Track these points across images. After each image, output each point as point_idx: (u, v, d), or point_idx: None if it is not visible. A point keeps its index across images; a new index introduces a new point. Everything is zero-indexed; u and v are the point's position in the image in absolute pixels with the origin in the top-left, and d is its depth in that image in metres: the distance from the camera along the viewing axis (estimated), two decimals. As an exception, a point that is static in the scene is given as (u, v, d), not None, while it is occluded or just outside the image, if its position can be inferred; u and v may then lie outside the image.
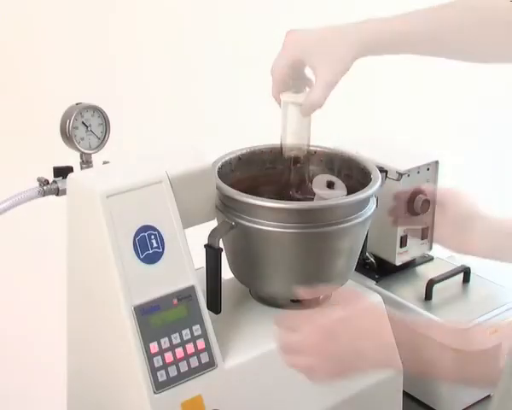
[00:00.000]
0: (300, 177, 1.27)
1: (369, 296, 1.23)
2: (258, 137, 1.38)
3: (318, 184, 1.17)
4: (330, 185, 1.16)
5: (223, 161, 1.21)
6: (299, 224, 1.08)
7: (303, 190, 1.27)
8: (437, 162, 1.37)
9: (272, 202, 1.10)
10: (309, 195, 1.22)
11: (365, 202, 1.14)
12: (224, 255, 1.12)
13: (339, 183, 1.17)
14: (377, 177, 1.16)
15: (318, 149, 1.27)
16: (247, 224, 1.10)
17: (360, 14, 1.15)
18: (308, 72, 1.15)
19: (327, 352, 1.01)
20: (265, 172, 1.27)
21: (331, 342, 1.01)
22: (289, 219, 1.08)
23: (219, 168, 1.19)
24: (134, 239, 1.02)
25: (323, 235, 1.10)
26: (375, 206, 1.16)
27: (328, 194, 1.15)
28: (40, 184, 1.17)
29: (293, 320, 1.06)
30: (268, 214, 1.08)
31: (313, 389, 1.14)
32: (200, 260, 1.24)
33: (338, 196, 1.15)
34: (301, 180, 1.27)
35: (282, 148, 1.18)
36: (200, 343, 1.04)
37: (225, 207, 1.13)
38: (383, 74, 3.43)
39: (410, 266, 1.43)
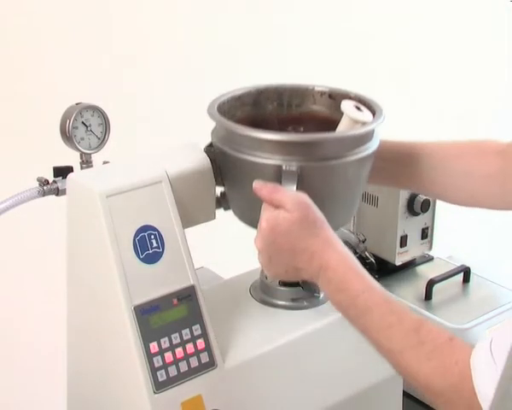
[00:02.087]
0: (301, 115, 1.22)
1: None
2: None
3: (348, 107, 1.11)
4: (358, 109, 1.11)
5: (222, 99, 1.16)
6: (300, 157, 1.04)
7: (304, 128, 1.22)
8: (437, 162, 1.37)
9: (274, 133, 1.05)
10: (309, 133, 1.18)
11: (368, 136, 1.10)
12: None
13: (364, 108, 1.12)
14: (380, 113, 1.12)
15: (320, 87, 1.22)
16: (248, 158, 1.05)
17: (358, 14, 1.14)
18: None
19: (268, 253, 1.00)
20: (266, 111, 1.22)
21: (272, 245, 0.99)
22: (290, 152, 1.04)
23: (219, 106, 1.13)
24: (134, 239, 1.02)
25: (324, 169, 1.06)
26: (377, 144, 1.12)
27: (360, 116, 1.10)
28: (40, 184, 1.18)
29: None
30: (268, 147, 1.04)
31: (313, 389, 1.14)
32: (200, 260, 1.24)
33: (369, 118, 1.10)
34: (302, 118, 1.22)
35: None
36: (200, 343, 1.04)
37: (226, 141, 1.08)
38: (382, 74, 3.44)
39: (410, 266, 1.44)
